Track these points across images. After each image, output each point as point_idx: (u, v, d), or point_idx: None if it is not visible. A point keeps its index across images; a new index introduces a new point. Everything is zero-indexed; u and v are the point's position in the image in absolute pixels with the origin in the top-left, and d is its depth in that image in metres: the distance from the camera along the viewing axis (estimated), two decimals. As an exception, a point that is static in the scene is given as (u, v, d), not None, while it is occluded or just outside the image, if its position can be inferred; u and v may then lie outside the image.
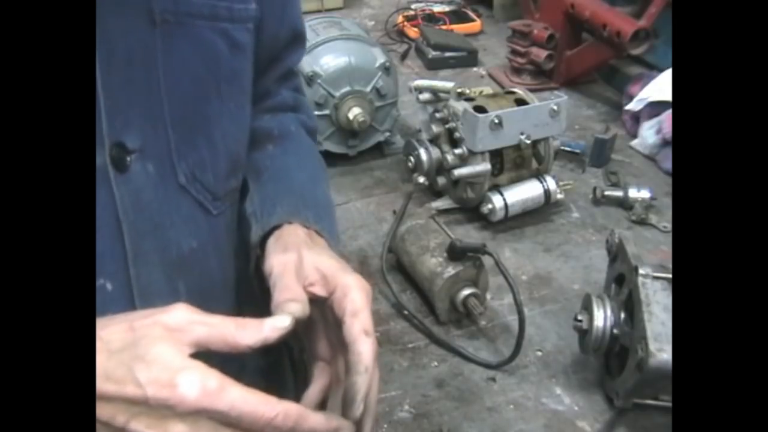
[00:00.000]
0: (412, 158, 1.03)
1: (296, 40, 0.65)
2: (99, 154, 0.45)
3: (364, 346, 0.45)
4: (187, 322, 0.39)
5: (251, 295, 0.65)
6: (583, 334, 0.72)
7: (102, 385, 0.36)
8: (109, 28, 0.44)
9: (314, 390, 0.49)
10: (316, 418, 0.39)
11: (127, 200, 0.47)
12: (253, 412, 0.37)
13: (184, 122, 0.50)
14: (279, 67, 0.66)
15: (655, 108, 1.15)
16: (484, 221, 1.00)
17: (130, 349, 0.37)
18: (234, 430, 0.37)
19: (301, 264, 0.49)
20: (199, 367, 0.37)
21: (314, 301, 0.48)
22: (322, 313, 0.50)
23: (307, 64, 1.07)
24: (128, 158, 0.46)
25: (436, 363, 0.78)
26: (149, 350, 0.37)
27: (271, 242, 0.53)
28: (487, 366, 0.77)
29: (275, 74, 0.66)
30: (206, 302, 0.54)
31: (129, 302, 0.48)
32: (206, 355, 0.40)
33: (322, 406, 0.48)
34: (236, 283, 0.60)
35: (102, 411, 0.36)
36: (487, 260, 0.81)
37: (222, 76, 0.53)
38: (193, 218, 0.53)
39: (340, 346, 0.49)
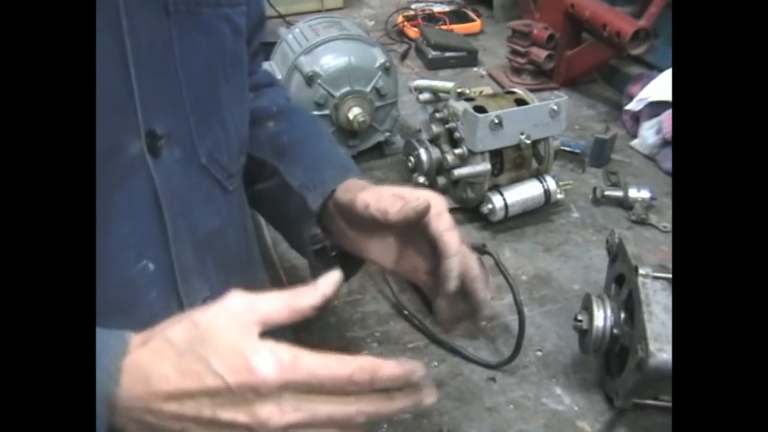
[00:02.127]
0: (412, 158, 1.03)
1: (262, 21, 0.70)
2: (135, 144, 0.47)
3: (449, 236, 0.53)
4: (247, 303, 0.40)
5: (261, 270, 0.68)
6: (583, 334, 0.72)
7: (181, 382, 0.37)
8: (136, 21, 0.46)
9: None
10: (390, 366, 0.40)
11: (164, 185, 0.49)
12: (332, 374, 0.38)
13: (200, 106, 0.53)
14: (252, 47, 0.69)
15: (655, 108, 1.15)
16: (484, 221, 1.00)
17: (199, 343, 0.38)
18: (316, 395, 0.38)
19: (380, 191, 0.56)
20: (270, 345, 0.38)
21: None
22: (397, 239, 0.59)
23: (307, 64, 1.07)
24: (159, 144, 0.48)
25: (436, 363, 0.78)
26: (219, 341, 0.38)
27: (342, 193, 0.59)
28: (487, 366, 0.77)
29: (250, 53, 0.69)
30: (230, 276, 0.58)
31: (170, 280, 0.50)
32: None
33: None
34: (249, 258, 0.63)
35: (186, 408, 0.37)
36: (487, 260, 0.81)
37: (228, 61, 0.56)
38: (214, 196, 0.56)
39: (426, 257, 0.57)
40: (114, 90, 0.45)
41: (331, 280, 0.43)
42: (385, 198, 0.55)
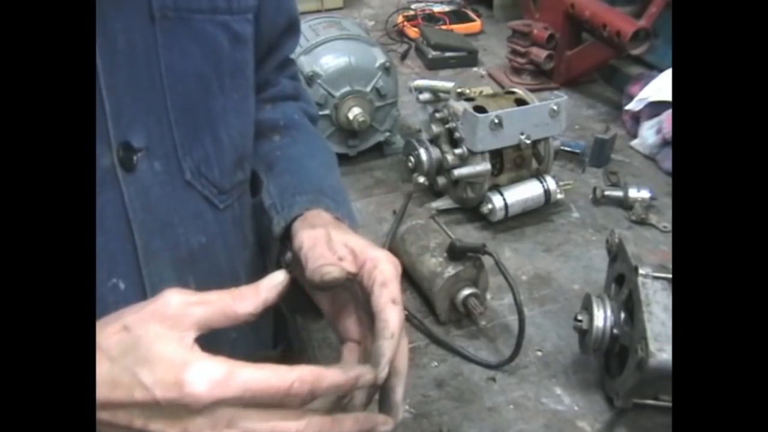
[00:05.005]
0: (412, 158, 1.03)
1: (292, 28, 0.66)
2: (106, 156, 0.45)
3: (391, 314, 0.46)
4: (183, 305, 0.38)
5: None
6: (583, 334, 0.72)
7: (111, 393, 0.36)
8: (110, 27, 0.44)
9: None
10: (333, 374, 0.38)
11: (136, 200, 0.47)
12: (267, 388, 0.36)
13: (187, 118, 0.50)
14: (277, 56, 0.66)
15: (655, 108, 1.15)
16: (484, 221, 1.00)
17: (131, 352, 0.36)
18: (253, 409, 0.37)
19: (330, 240, 0.49)
20: (203, 359, 0.36)
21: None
22: (351, 292, 0.51)
23: (307, 64, 1.07)
24: (135, 157, 0.47)
25: (436, 363, 0.78)
26: (150, 351, 0.36)
27: (298, 224, 0.54)
28: (487, 366, 0.77)
29: (273, 63, 0.66)
30: None
31: (142, 300, 0.48)
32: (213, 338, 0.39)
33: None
34: (244, 275, 0.61)
35: (118, 417, 0.36)
36: (487, 260, 0.81)
37: (224, 70, 0.53)
38: (201, 214, 0.53)
39: (369, 321, 0.49)
40: None
41: (273, 284, 0.41)
42: (318, 247, 0.48)
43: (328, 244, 0.49)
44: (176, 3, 0.48)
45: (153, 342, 0.36)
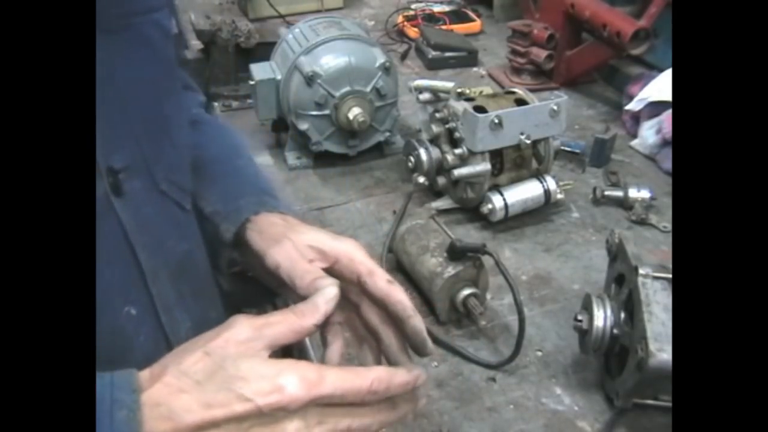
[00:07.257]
0: (412, 158, 1.03)
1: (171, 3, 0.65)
2: (99, 185, 0.44)
3: (398, 294, 0.49)
4: (253, 329, 0.41)
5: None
6: (583, 334, 0.72)
7: (206, 413, 0.37)
8: None
9: (334, 352, 0.51)
10: (402, 373, 0.42)
11: (132, 222, 0.46)
12: (353, 387, 0.40)
13: (149, 128, 0.49)
14: None
15: (655, 108, 1.15)
16: (484, 221, 1.00)
17: (219, 373, 0.38)
18: (336, 407, 0.40)
19: (295, 248, 0.51)
20: (292, 365, 0.39)
21: None
22: None
23: (307, 64, 1.07)
24: (119, 179, 0.46)
25: (436, 363, 0.78)
26: (239, 368, 0.39)
27: (255, 238, 0.54)
28: (487, 366, 0.77)
29: None
30: (202, 300, 0.54)
31: (155, 321, 0.48)
32: None
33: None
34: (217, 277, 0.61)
35: None
36: (487, 260, 0.81)
37: (167, 70, 0.53)
38: (177, 221, 0.52)
39: (352, 307, 0.52)
40: None
41: (329, 297, 0.44)
42: (298, 264, 0.50)
43: (302, 257, 0.50)
44: (118, 10, 0.46)
45: (238, 361, 0.39)
